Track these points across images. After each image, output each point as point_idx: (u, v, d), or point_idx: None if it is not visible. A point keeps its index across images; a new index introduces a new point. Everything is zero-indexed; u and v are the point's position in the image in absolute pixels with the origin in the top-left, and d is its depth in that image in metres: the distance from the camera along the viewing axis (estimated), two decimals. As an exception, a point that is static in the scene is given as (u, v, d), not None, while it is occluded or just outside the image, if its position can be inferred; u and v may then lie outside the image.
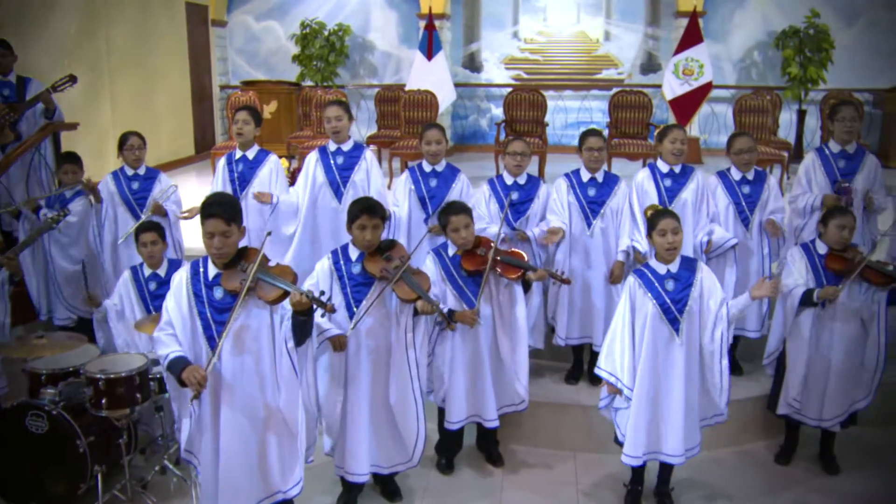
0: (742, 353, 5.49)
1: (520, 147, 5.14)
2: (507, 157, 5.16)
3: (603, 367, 4.19)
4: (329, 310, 3.41)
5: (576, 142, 5.38)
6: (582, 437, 5.01)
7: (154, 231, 4.86)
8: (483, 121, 12.26)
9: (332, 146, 5.52)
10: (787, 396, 4.66)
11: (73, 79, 6.27)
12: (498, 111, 10.29)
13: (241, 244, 3.58)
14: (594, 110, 11.81)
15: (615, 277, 5.13)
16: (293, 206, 5.51)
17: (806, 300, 4.48)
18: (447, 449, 4.80)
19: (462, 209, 4.45)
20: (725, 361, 4.09)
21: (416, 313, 4.05)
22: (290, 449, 3.64)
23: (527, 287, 4.60)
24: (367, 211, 3.96)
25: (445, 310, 4.03)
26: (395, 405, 4.07)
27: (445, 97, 10.30)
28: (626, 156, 8.93)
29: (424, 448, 4.23)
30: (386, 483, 4.43)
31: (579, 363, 5.45)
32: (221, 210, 3.43)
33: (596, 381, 5.26)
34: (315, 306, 3.40)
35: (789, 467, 4.89)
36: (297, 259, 5.41)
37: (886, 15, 11.50)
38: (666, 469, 4.37)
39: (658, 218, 4.14)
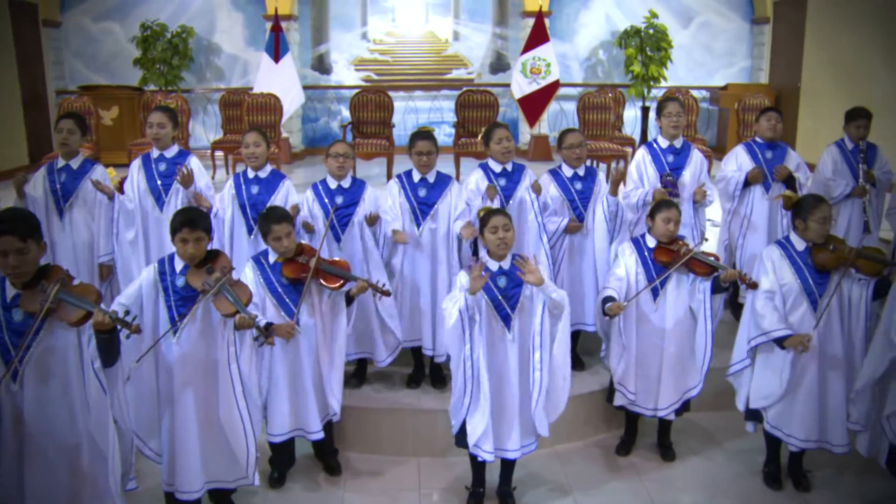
0: (582, 348, 5.55)
1: (341, 149, 5.04)
2: (329, 160, 5.04)
3: None
4: (134, 330, 3.23)
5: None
6: (424, 442, 4.94)
7: None
8: (334, 123, 12.04)
9: (154, 153, 5.34)
10: (619, 388, 4.74)
11: None
12: (349, 113, 10.15)
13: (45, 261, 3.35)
14: (445, 110, 11.80)
15: None
16: (131, 206, 5.31)
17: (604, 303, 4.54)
18: (278, 462, 4.66)
19: (283, 217, 4.30)
20: (547, 355, 4.13)
21: (237, 327, 3.86)
22: (103, 474, 3.38)
23: (349, 300, 4.51)
24: (188, 224, 3.75)
25: (263, 323, 3.86)
26: (223, 420, 3.89)
27: (294, 100, 10.13)
28: (473, 155, 8.95)
29: (257, 464, 4.04)
30: (220, 501, 4.23)
31: (420, 366, 5.37)
32: (14, 226, 3.16)
33: (438, 384, 5.24)
34: (119, 327, 3.20)
35: (630, 457, 4.97)
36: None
37: (717, 17, 12.17)
38: (507, 468, 4.37)
39: (489, 216, 4.15)
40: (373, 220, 4.96)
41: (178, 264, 3.85)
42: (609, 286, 4.58)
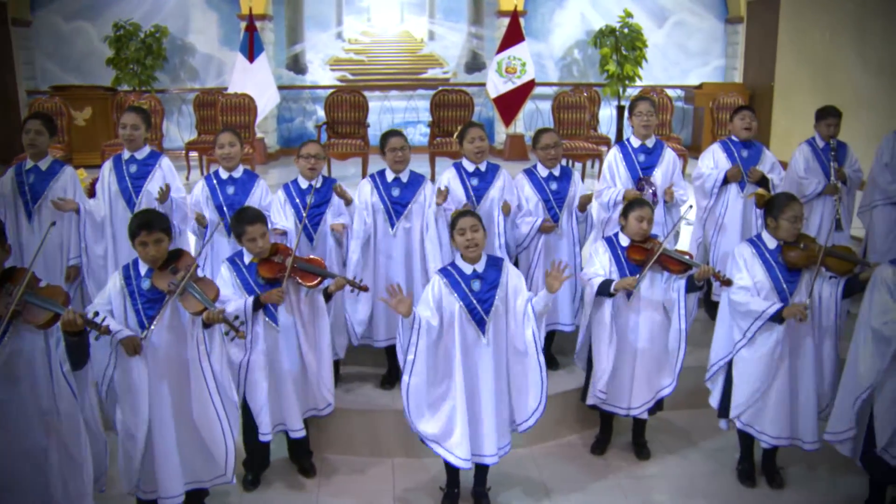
0: (556, 348, 5.55)
1: (313, 149, 5.02)
2: (300, 161, 5.02)
3: None
4: (103, 332, 3.22)
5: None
6: (398, 443, 4.91)
7: None
8: (309, 123, 11.96)
9: (126, 154, 5.28)
10: (595, 389, 4.72)
11: None
12: (324, 113, 10.11)
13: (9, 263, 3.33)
14: (420, 110, 11.74)
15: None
16: (99, 217, 5.22)
17: (603, 290, 4.54)
18: (253, 464, 4.62)
19: (257, 217, 4.28)
20: (542, 358, 4.13)
21: (206, 324, 3.83)
22: (76, 479, 3.36)
23: (328, 297, 4.50)
24: (145, 227, 3.71)
25: (234, 316, 3.83)
26: (197, 419, 3.86)
27: (269, 100, 10.07)
28: (448, 154, 8.94)
29: (235, 462, 4.02)
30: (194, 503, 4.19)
31: (394, 367, 5.31)
32: None
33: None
34: (88, 328, 3.19)
35: (604, 456, 4.98)
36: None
37: (691, 17, 12.24)
38: (481, 469, 4.34)
39: (456, 218, 4.13)
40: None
41: (143, 268, 3.81)
42: (592, 278, 4.57)
